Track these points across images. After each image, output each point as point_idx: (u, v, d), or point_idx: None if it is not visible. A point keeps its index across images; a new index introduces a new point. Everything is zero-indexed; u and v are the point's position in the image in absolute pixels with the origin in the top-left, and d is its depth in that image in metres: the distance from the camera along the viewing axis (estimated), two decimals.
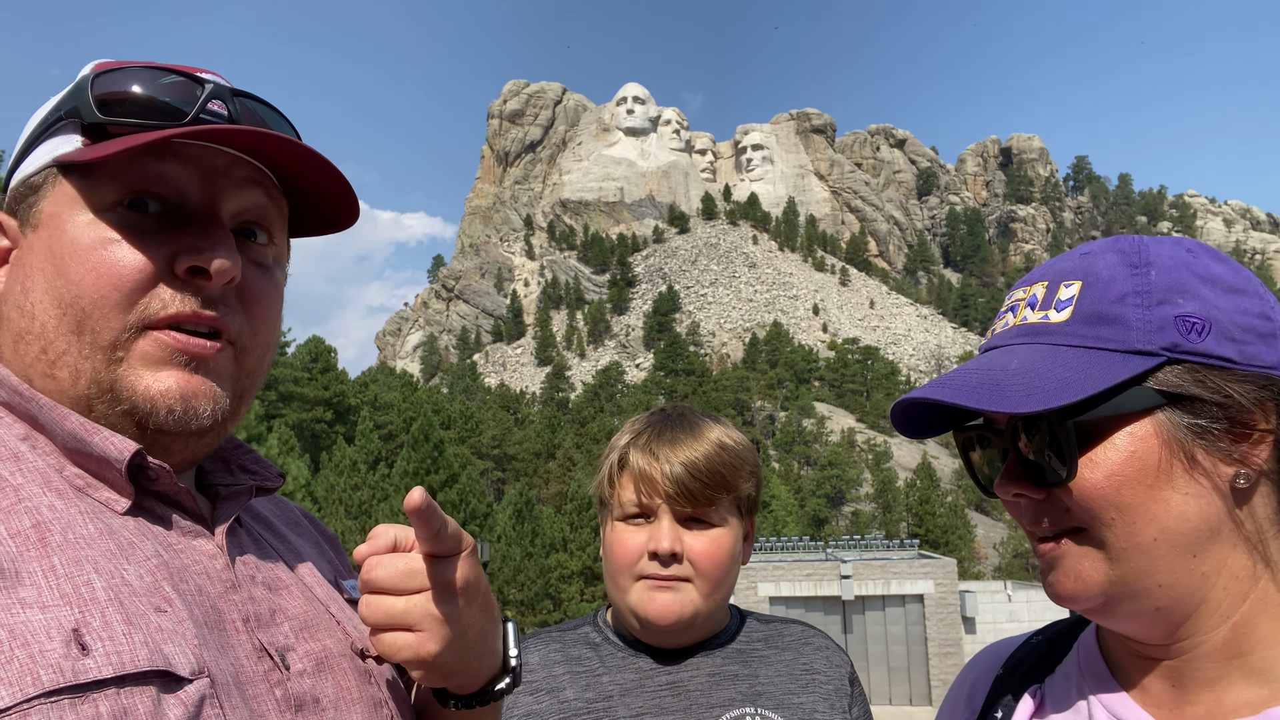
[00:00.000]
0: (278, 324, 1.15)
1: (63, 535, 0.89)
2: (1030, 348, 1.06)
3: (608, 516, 1.69)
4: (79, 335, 0.98)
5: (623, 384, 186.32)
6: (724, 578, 1.64)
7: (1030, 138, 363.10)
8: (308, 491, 48.46)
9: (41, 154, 1.05)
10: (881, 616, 46.42)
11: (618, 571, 1.63)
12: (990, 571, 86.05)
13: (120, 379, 0.99)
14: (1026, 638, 1.36)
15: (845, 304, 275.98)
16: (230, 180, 1.05)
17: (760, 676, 1.67)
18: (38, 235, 1.02)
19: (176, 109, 1.03)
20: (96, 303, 0.98)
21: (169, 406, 1.00)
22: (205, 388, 1.03)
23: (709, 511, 1.62)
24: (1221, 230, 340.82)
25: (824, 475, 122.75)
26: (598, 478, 1.72)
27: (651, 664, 1.66)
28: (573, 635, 1.75)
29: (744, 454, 1.69)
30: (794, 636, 1.78)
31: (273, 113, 1.15)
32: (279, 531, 1.26)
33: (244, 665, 0.96)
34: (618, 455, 1.67)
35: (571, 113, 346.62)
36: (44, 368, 1.00)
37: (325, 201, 1.17)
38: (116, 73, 1.04)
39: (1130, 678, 1.11)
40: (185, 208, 1.04)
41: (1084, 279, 1.09)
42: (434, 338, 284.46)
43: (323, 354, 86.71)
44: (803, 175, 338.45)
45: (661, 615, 1.59)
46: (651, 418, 1.73)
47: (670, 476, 1.59)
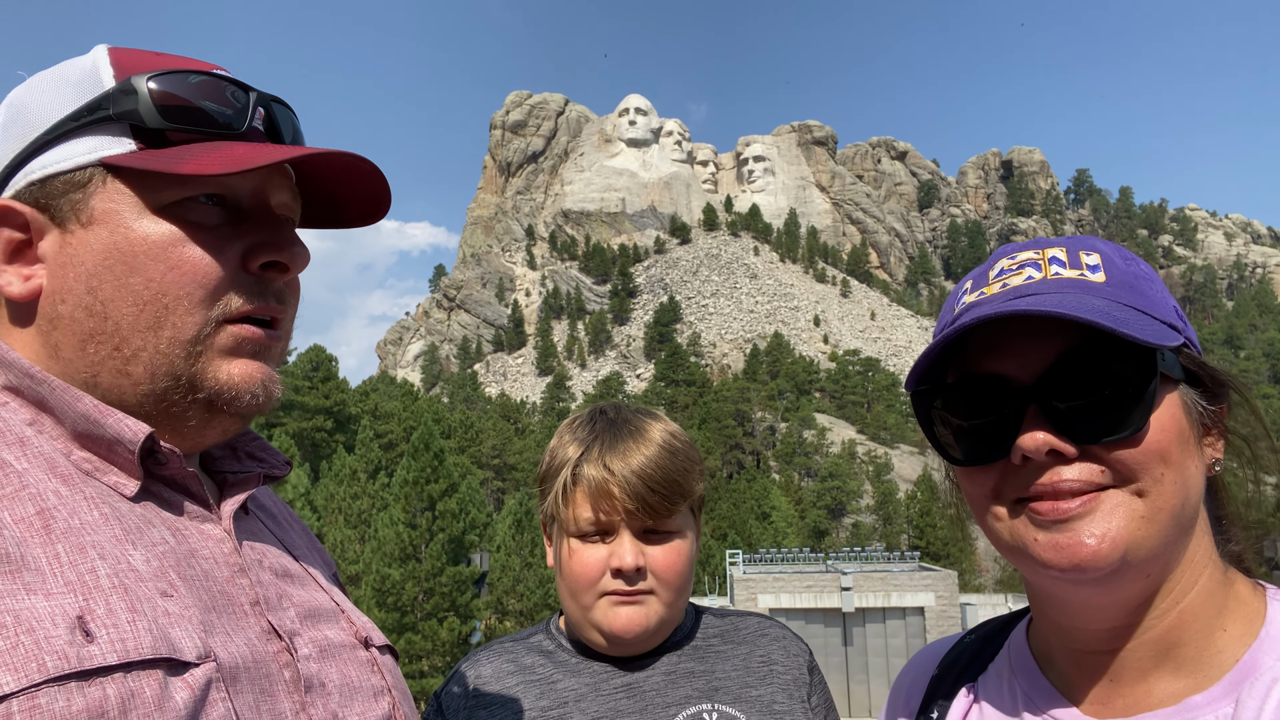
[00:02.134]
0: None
1: (67, 521, 0.89)
2: (1089, 297, 1.03)
3: (559, 533, 1.66)
4: (157, 331, 1.00)
5: (624, 394, 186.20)
6: (686, 584, 1.65)
7: (1031, 150, 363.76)
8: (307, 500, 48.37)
9: (78, 150, 1.02)
10: (882, 629, 46.32)
11: (579, 590, 1.61)
12: (991, 584, 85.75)
13: (201, 371, 1.02)
14: (960, 637, 1.37)
15: (846, 315, 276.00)
16: (273, 183, 1.10)
17: (717, 672, 1.67)
18: (93, 233, 1.01)
19: (231, 120, 1.07)
20: (180, 299, 1.00)
21: (252, 392, 1.05)
22: (270, 372, 1.09)
23: (667, 521, 1.62)
24: (1223, 244, 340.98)
25: (824, 487, 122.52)
26: (547, 496, 1.67)
27: (606, 667, 1.65)
28: (525, 644, 1.73)
29: (690, 452, 1.68)
30: (750, 629, 1.77)
31: (290, 113, 1.17)
32: (281, 521, 1.28)
33: (256, 646, 0.97)
34: (570, 472, 1.62)
35: (574, 124, 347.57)
36: (118, 365, 1.01)
37: (349, 201, 1.21)
38: (171, 76, 1.05)
39: (1061, 673, 1.14)
40: (240, 202, 1.07)
41: (1100, 251, 1.10)
42: (435, 347, 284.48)
43: (323, 363, 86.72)
44: (804, 187, 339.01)
45: (627, 629, 1.59)
46: (594, 425, 1.68)
47: (629, 492, 1.57)
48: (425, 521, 40.73)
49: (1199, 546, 1.06)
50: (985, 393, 1.07)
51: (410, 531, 40.19)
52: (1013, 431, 1.04)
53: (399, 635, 38.47)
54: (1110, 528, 0.99)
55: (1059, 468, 1.01)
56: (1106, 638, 1.07)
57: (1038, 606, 1.18)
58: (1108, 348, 1.00)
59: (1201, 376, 1.07)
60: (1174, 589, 1.04)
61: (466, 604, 41.17)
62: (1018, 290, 1.08)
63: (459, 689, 1.66)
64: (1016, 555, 1.06)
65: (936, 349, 1.09)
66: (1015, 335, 1.05)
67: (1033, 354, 1.04)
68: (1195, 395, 1.06)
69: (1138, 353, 1.00)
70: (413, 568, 39.75)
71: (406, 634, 38.81)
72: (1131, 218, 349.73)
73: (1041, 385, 1.02)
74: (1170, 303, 1.09)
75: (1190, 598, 1.04)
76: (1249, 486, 1.12)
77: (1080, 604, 1.07)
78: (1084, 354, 1.02)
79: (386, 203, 1.19)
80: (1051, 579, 1.05)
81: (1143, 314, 1.04)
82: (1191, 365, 1.06)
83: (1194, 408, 1.05)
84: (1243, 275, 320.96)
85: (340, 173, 1.15)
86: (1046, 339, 1.04)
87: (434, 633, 39.13)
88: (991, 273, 1.15)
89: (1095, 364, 1.01)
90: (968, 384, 1.09)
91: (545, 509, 1.69)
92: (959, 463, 1.12)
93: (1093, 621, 1.08)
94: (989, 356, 1.08)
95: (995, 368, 1.07)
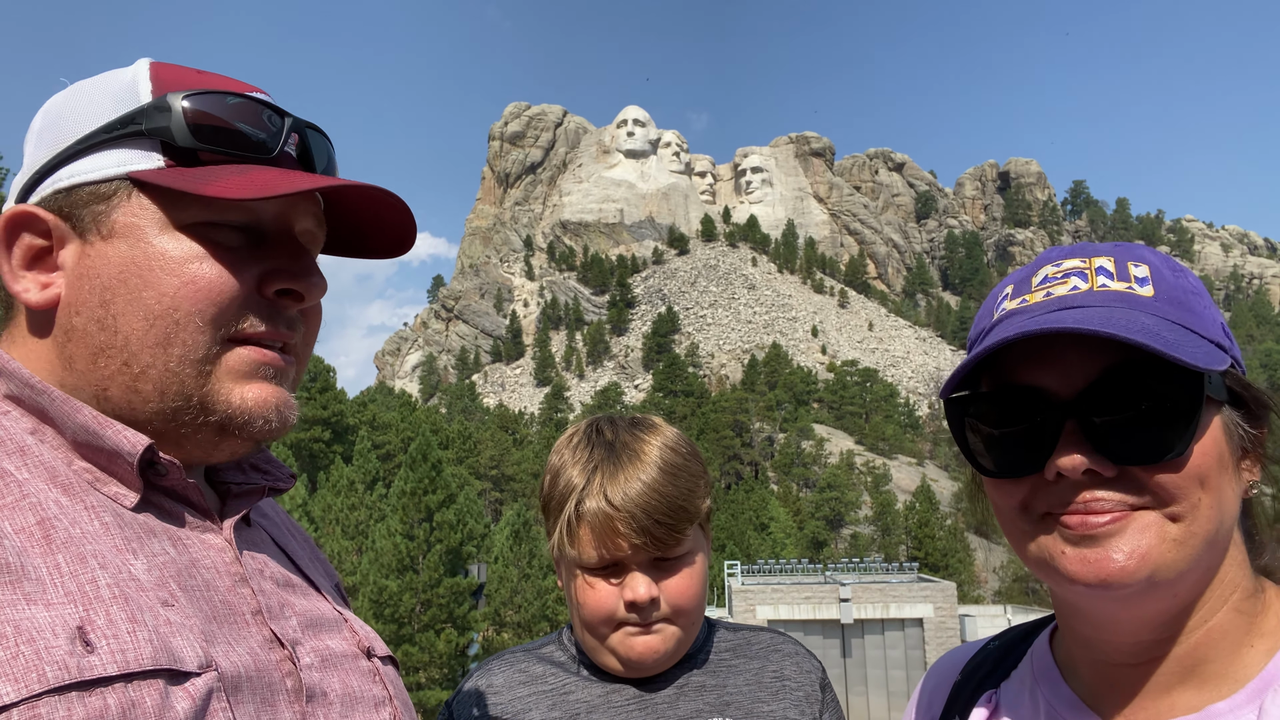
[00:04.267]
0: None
1: (68, 531, 0.89)
2: (1137, 314, 1.00)
3: (569, 566, 1.63)
4: (166, 348, 0.99)
5: (622, 405, 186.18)
6: (701, 606, 1.64)
7: (1028, 162, 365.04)
8: (304, 511, 48.22)
9: (106, 162, 1.02)
10: (881, 641, 46.19)
11: (595, 623, 1.59)
12: (990, 595, 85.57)
13: (212, 392, 1.01)
14: (983, 644, 1.36)
15: (844, 326, 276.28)
16: (298, 211, 1.10)
17: (729, 686, 1.67)
18: (112, 246, 1.01)
19: (265, 143, 1.06)
20: (191, 315, 0.99)
21: (265, 416, 1.05)
22: (284, 397, 1.08)
23: (676, 548, 1.59)
24: (1219, 255, 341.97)
25: (823, 497, 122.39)
26: (553, 527, 1.64)
27: (618, 681, 1.65)
28: (537, 655, 1.73)
29: (693, 467, 1.64)
30: (763, 644, 1.76)
31: (324, 140, 1.17)
32: (284, 532, 1.27)
33: (258, 655, 0.97)
34: (573, 509, 1.58)
35: (572, 135, 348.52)
36: (127, 381, 1.00)
37: (374, 233, 1.20)
38: (208, 96, 1.04)
39: (1084, 683, 1.13)
40: (262, 227, 1.07)
41: (1149, 263, 1.07)
42: (433, 358, 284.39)
43: (321, 373, 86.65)
44: (802, 198, 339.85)
45: (644, 657, 1.58)
46: (593, 451, 1.62)
47: (635, 528, 1.53)
48: (423, 533, 40.63)
49: (1231, 566, 1.05)
50: (1023, 404, 1.04)
51: (408, 543, 40.08)
52: (1049, 446, 1.01)
53: (396, 647, 38.32)
54: (1140, 546, 0.97)
55: (1094, 488, 0.99)
56: (1132, 652, 1.06)
57: (1063, 618, 1.16)
58: (1153, 368, 0.97)
59: (1245, 398, 1.04)
60: (1203, 608, 1.03)
61: (464, 615, 41.04)
62: (1062, 301, 1.05)
63: (471, 698, 1.66)
64: (1042, 568, 1.04)
65: (975, 360, 1.05)
66: (1057, 347, 1.02)
67: (1075, 368, 1.01)
68: (1237, 417, 1.03)
69: (1185, 375, 0.97)
70: (410, 579, 39.63)
71: (404, 645, 38.67)
72: (1128, 229, 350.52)
73: (1082, 401, 0.99)
74: (1219, 320, 1.06)
75: (1219, 616, 1.03)
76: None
77: (1106, 618, 1.05)
78: (1128, 372, 0.98)
79: (411, 238, 1.19)
80: (1077, 594, 1.03)
81: (1191, 333, 1.01)
82: (1236, 386, 1.04)
83: (1235, 430, 1.03)
84: (1239, 286, 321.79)
85: (367, 205, 1.15)
86: (1090, 354, 1.00)
87: (431, 644, 38.99)
88: (1035, 279, 1.11)
89: (1139, 383, 0.97)
90: (1005, 394, 1.05)
91: (553, 544, 1.66)
92: (990, 474, 1.09)
93: (1118, 635, 1.06)
94: (1028, 367, 1.04)
95: (1035, 379, 1.03)
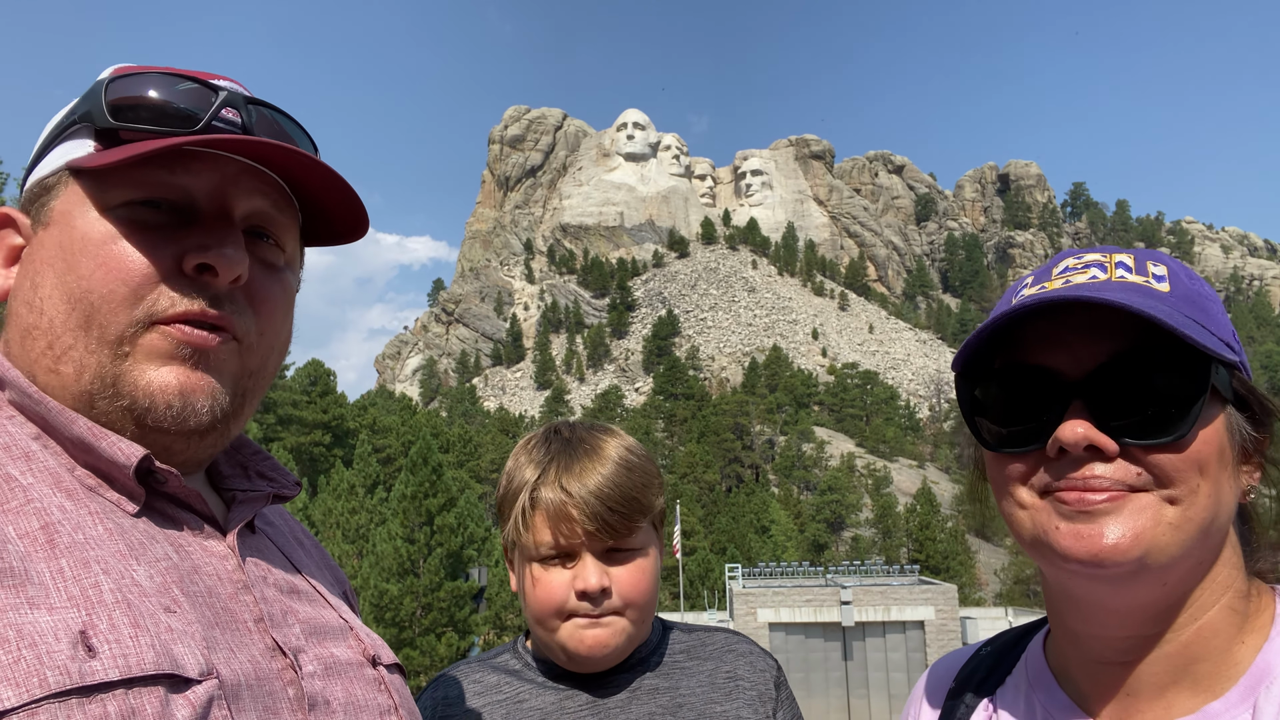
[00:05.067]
0: (287, 327, 1.15)
1: (71, 536, 0.89)
2: (1155, 302, 1.02)
3: (521, 557, 1.65)
4: (86, 330, 0.99)
5: (622, 408, 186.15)
6: (651, 602, 1.65)
7: (1028, 164, 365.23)
8: (305, 515, 48.23)
9: (56, 157, 1.07)
10: (882, 643, 46.15)
11: (544, 615, 1.60)
12: (991, 598, 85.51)
13: (124, 374, 1.00)
14: (976, 649, 1.37)
15: (844, 329, 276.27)
16: (240, 188, 1.07)
17: (681, 688, 1.67)
18: (48, 232, 1.03)
19: (190, 115, 1.04)
20: (105, 297, 0.99)
21: (167, 402, 1.00)
22: (204, 383, 1.02)
23: (628, 539, 1.61)
24: (1219, 256, 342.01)
25: (824, 500, 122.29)
26: (507, 520, 1.66)
27: (571, 687, 1.65)
28: (492, 664, 1.74)
29: (648, 467, 1.68)
30: (717, 645, 1.77)
31: (289, 122, 1.15)
32: (290, 540, 1.26)
33: (259, 663, 0.96)
34: (528, 496, 1.61)
35: (572, 138, 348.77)
36: (49, 363, 1.00)
37: (335, 212, 1.19)
38: (131, 78, 1.05)
39: (1078, 686, 1.14)
40: (195, 208, 1.05)
41: (1167, 265, 1.10)
42: (433, 361, 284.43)
43: (322, 377, 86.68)
44: (802, 201, 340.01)
45: (594, 650, 1.59)
46: (550, 446, 1.66)
47: (588, 514, 1.55)
48: (423, 536, 40.61)
49: (1225, 566, 1.06)
50: (1032, 383, 1.06)
51: (408, 546, 40.07)
52: (1054, 423, 1.03)
53: (397, 650, 38.25)
54: (1134, 526, 0.98)
55: (1094, 464, 1.00)
56: (1123, 648, 1.07)
57: (1055, 614, 1.17)
58: (1162, 352, 1.00)
59: (1250, 401, 1.06)
60: (1193, 605, 1.04)
61: (465, 619, 41.00)
62: (1081, 287, 1.06)
63: (427, 711, 1.66)
64: (1036, 545, 1.05)
65: (990, 329, 1.07)
66: (1070, 329, 1.05)
67: (1085, 350, 1.03)
68: (1241, 419, 1.06)
69: (1193, 361, 1.00)
70: (411, 583, 39.61)
71: (404, 649, 38.63)
72: (1128, 230, 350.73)
73: (1090, 382, 1.01)
74: (1229, 326, 1.09)
75: (1211, 614, 1.04)
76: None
77: (1096, 605, 1.06)
78: (1137, 357, 1.00)
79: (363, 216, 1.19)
80: (1070, 572, 1.03)
81: (1203, 327, 1.03)
82: (1242, 389, 1.06)
83: (1238, 430, 1.05)
84: (1240, 288, 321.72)
85: (323, 186, 1.13)
86: (1101, 337, 1.03)
87: (432, 648, 38.95)
88: (1055, 269, 1.13)
89: (1148, 366, 1.00)
90: (1015, 371, 1.08)
91: (506, 535, 1.68)
92: (993, 448, 1.10)
93: (1109, 628, 1.07)
94: (1040, 348, 1.07)
95: (1045, 360, 1.05)
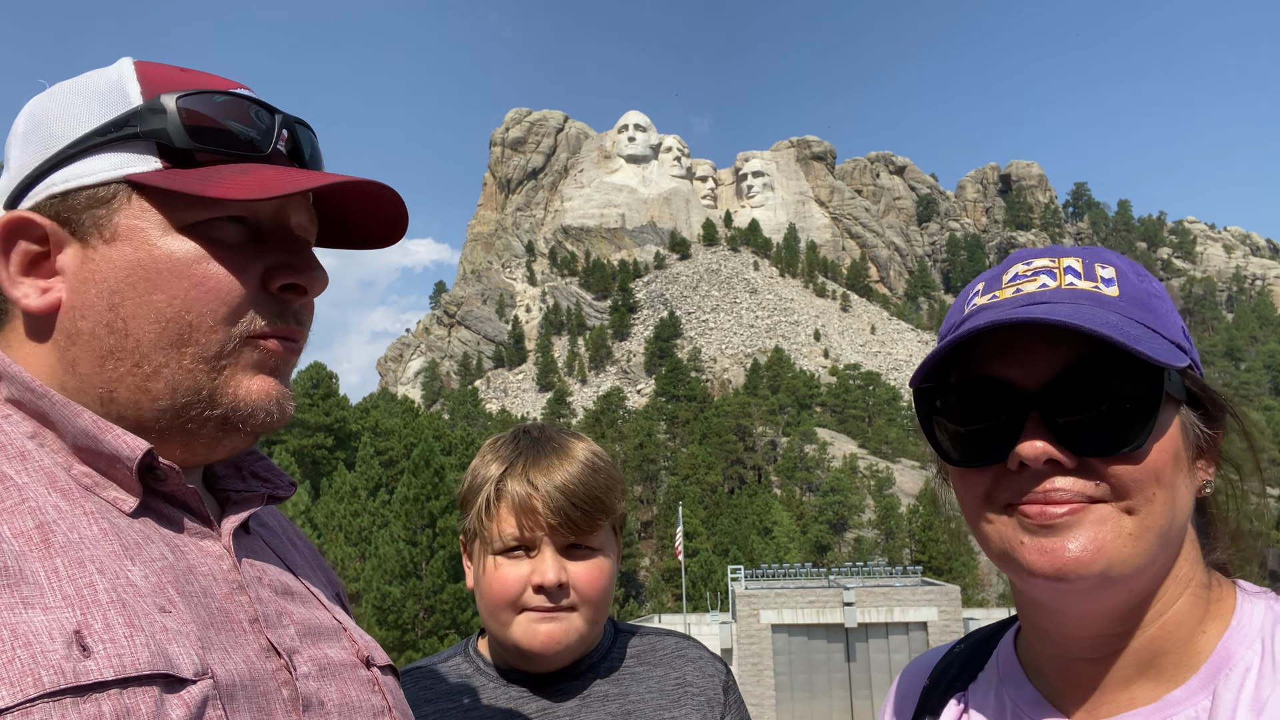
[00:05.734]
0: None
1: (66, 536, 0.89)
2: (1102, 311, 1.03)
3: (481, 549, 1.67)
4: (180, 349, 1.00)
5: (624, 410, 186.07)
6: (606, 601, 1.66)
7: (1029, 164, 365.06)
8: (307, 518, 48.22)
9: (101, 165, 1.02)
10: (885, 644, 46.09)
11: (498, 607, 1.62)
12: (994, 599, 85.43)
13: (221, 387, 1.03)
14: (950, 647, 1.39)
15: (846, 330, 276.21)
16: (292, 203, 1.11)
17: (631, 695, 1.69)
18: (115, 250, 1.01)
19: (256, 142, 1.08)
20: (204, 315, 1.00)
21: (267, 409, 1.06)
22: (285, 390, 1.09)
23: (590, 537, 1.63)
24: (1221, 256, 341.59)
25: (826, 501, 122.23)
26: (470, 511, 1.68)
27: (523, 691, 1.66)
28: (442, 669, 1.73)
29: (613, 472, 1.71)
30: (668, 650, 1.78)
31: (310, 134, 1.18)
32: (284, 541, 1.27)
33: (254, 663, 0.97)
34: (493, 487, 1.64)
35: (573, 140, 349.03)
36: (137, 381, 1.01)
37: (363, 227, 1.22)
38: (197, 97, 1.05)
39: (1047, 681, 1.16)
40: (261, 223, 1.08)
41: (1115, 266, 1.11)
42: (435, 364, 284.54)
43: (324, 380, 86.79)
44: (803, 202, 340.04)
45: (546, 646, 1.59)
46: (518, 443, 1.70)
47: (552, 507, 1.58)
48: (426, 538, 40.62)
49: (1184, 562, 1.08)
50: (988, 396, 1.07)
51: (411, 549, 40.08)
52: (1013, 437, 1.03)
53: (399, 653, 38.28)
54: (1095, 539, 1.00)
55: (1054, 477, 1.02)
56: (1091, 646, 1.09)
57: (1025, 613, 1.18)
58: (1115, 363, 1.01)
59: (1202, 399, 1.08)
60: (1158, 602, 1.06)
61: (467, 621, 40.98)
62: (1031, 297, 1.08)
63: None
64: (1003, 559, 1.07)
65: (945, 350, 1.08)
66: (1024, 342, 1.05)
67: (1040, 362, 1.04)
68: (1194, 417, 1.07)
69: (1145, 371, 1.01)
70: (413, 585, 39.61)
71: (407, 652, 38.62)
72: (1130, 230, 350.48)
73: (1046, 394, 1.02)
74: (1179, 323, 1.10)
75: (1174, 611, 1.06)
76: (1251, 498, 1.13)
77: (1064, 611, 1.08)
78: (1091, 367, 1.02)
79: (402, 227, 1.20)
80: (1037, 587, 1.06)
81: (1153, 332, 1.04)
82: (1194, 387, 1.07)
83: (1191, 430, 1.07)
84: (1242, 288, 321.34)
85: (357, 197, 1.15)
86: (1055, 348, 1.04)
87: (434, 650, 38.86)
88: (1005, 276, 1.14)
89: (1101, 378, 1.01)
90: (971, 385, 1.09)
91: (466, 526, 1.70)
92: (955, 463, 1.12)
93: (1077, 629, 1.09)
94: (995, 360, 1.07)
95: (1001, 372, 1.06)
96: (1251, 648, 1.03)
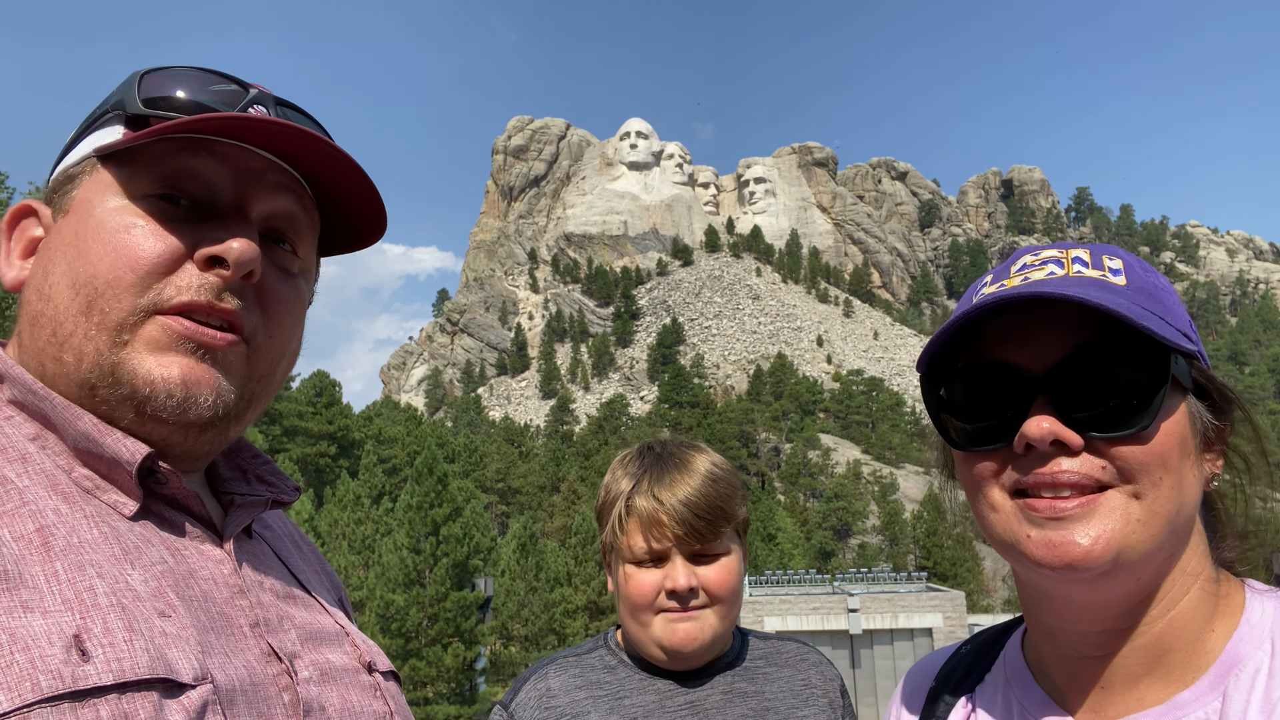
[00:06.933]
0: (296, 334, 1.15)
1: (66, 540, 0.88)
2: (1112, 295, 1.03)
3: (617, 559, 1.79)
4: (87, 316, 0.98)
5: (627, 417, 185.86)
6: (736, 599, 1.77)
7: (1031, 169, 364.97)
8: (311, 526, 48.18)
9: (83, 147, 1.08)
10: (890, 651, 45.91)
11: (638, 610, 1.74)
12: (999, 604, 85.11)
13: (123, 362, 0.98)
14: (956, 648, 1.39)
15: (849, 335, 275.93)
16: (264, 183, 1.07)
17: (766, 693, 1.78)
18: (66, 220, 1.04)
19: (214, 109, 1.05)
20: (110, 283, 0.98)
21: (168, 392, 0.99)
22: (209, 377, 1.01)
23: (714, 544, 1.74)
24: (1224, 260, 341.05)
25: (830, 507, 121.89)
26: (605, 527, 1.81)
27: (670, 685, 1.76)
28: (589, 660, 1.83)
29: (732, 480, 1.81)
30: (791, 654, 1.89)
31: (315, 125, 1.16)
32: (287, 544, 1.27)
33: (255, 668, 0.96)
34: (624, 503, 1.76)
35: (575, 148, 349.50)
36: (53, 351, 0.99)
37: (354, 211, 1.19)
38: (165, 72, 1.08)
39: (1054, 682, 1.15)
40: (216, 204, 1.05)
41: (1122, 259, 1.12)
42: (438, 371, 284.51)
43: (327, 388, 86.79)
44: (805, 208, 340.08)
45: (685, 643, 1.70)
46: (644, 460, 1.82)
47: (678, 520, 1.70)
48: (429, 546, 40.57)
49: (1193, 557, 1.07)
50: (995, 380, 1.07)
51: (414, 557, 40.03)
52: (1019, 419, 1.03)
53: (403, 661, 38.21)
54: (1105, 529, 0.99)
55: (1060, 458, 1.01)
56: (1097, 642, 1.08)
57: (1029, 610, 1.17)
58: (1122, 346, 1.01)
59: (1209, 390, 1.08)
60: (1165, 597, 1.05)
61: (471, 629, 40.91)
62: (1040, 283, 1.07)
63: (530, 701, 1.76)
64: (1009, 550, 1.06)
65: (952, 328, 1.08)
66: (1031, 326, 1.06)
67: (1047, 345, 1.04)
68: (1202, 408, 1.07)
69: (1152, 353, 1.01)
70: (417, 593, 39.55)
71: (411, 660, 38.55)
72: (1133, 235, 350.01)
73: (1053, 377, 1.02)
74: (1185, 316, 1.10)
75: (1181, 606, 1.05)
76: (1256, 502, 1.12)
77: (1070, 603, 1.07)
78: (1098, 350, 1.01)
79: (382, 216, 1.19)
80: (1044, 577, 1.05)
81: (1160, 318, 1.04)
82: (1201, 378, 1.07)
83: (1199, 419, 1.06)
84: (1245, 291, 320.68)
85: (358, 197, 1.15)
86: (1062, 332, 1.04)
87: (438, 659, 38.86)
88: (1014, 267, 1.14)
89: (1108, 360, 1.01)
90: (978, 370, 1.09)
91: (604, 539, 1.83)
92: (961, 447, 1.11)
93: (1082, 623, 1.08)
94: (1002, 345, 1.08)
95: (1008, 356, 1.06)
96: (1261, 648, 1.01)
